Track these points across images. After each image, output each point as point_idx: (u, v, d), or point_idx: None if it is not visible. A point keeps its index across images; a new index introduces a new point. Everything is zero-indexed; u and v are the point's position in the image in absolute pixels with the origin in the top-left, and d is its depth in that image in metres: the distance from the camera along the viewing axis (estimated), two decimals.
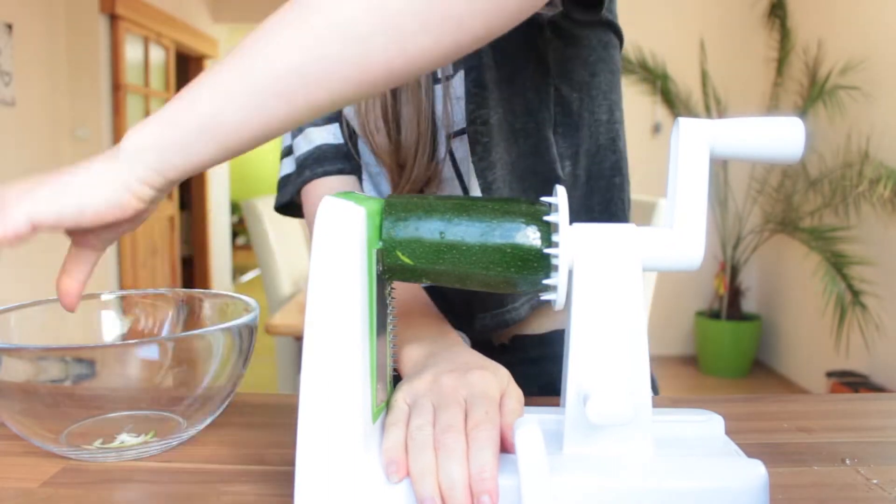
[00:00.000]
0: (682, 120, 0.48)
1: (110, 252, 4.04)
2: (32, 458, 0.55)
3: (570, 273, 0.46)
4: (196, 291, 0.67)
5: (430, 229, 0.46)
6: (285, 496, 0.49)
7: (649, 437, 0.46)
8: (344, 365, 0.43)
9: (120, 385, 0.52)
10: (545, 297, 0.47)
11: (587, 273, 0.46)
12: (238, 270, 6.91)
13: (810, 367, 3.55)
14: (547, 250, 0.46)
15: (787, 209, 3.67)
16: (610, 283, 0.46)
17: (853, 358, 3.13)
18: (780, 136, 0.48)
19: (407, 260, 0.47)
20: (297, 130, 0.75)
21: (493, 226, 0.46)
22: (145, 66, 4.40)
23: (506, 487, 0.42)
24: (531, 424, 0.41)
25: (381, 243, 0.47)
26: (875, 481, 0.51)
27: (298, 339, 2.32)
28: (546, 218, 0.46)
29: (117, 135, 4.04)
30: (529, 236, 0.46)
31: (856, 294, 3.00)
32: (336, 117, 0.74)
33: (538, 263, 0.46)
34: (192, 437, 0.58)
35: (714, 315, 3.98)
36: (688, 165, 0.48)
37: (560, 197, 0.46)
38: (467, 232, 0.46)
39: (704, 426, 0.52)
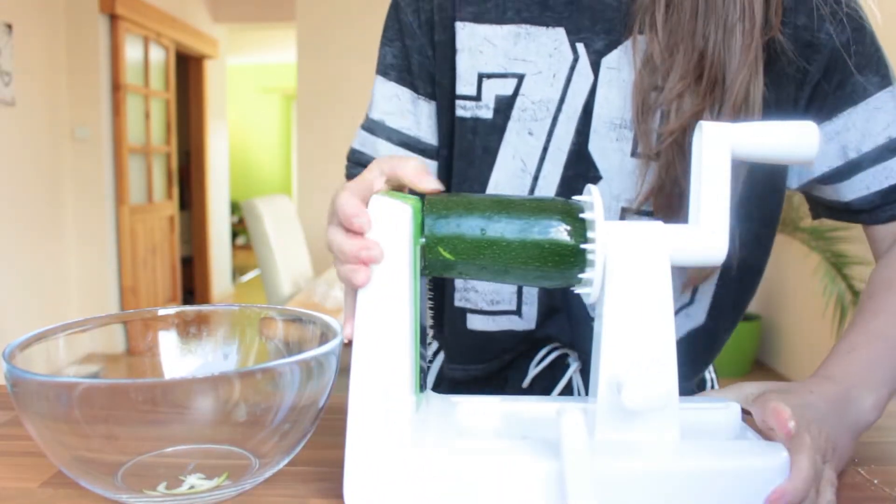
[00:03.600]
0: (704, 123, 0.50)
1: (110, 252, 4.04)
2: (32, 458, 0.54)
3: (603, 268, 0.48)
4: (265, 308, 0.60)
5: (471, 226, 0.48)
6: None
7: (676, 423, 0.48)
8: (395, 361, 0.46)
9: (182, 416, 0.44)
10: (578, 290, 0.49)
11: (619, 267, 0.48)
12: (238, 270, 6.91)
13: (810, 368, 3.53)
14: (583, 246, 0.47)
15: (788, 209, 3.68)
16: (640, 276, 0.48)
17: None
18: (796, 139, 0.50)
19: (448, 255, 0.48)
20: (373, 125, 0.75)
21: (532, 222, 0.48)
22: (145, 66, 4.40)
23: (548, 471, 0.44)
24: (575, 412, 0.43)
25: (423, 240, 0.49)
26: (875, 481, 0.52)
27: None
28: (582, 215, 0.48)
29: (117, 135, 4.04)
30: (566, 233, 0.48)
31: (856, 294, 3.01)
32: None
33: (574, 259, 0.48)
34: (266, 479, 0.51)
35: None
36: (711, 166, 0.49)
37: (595, 195, 0.48)
38: (507, 228, 0.48)
39: (722, 413, 0.54)
